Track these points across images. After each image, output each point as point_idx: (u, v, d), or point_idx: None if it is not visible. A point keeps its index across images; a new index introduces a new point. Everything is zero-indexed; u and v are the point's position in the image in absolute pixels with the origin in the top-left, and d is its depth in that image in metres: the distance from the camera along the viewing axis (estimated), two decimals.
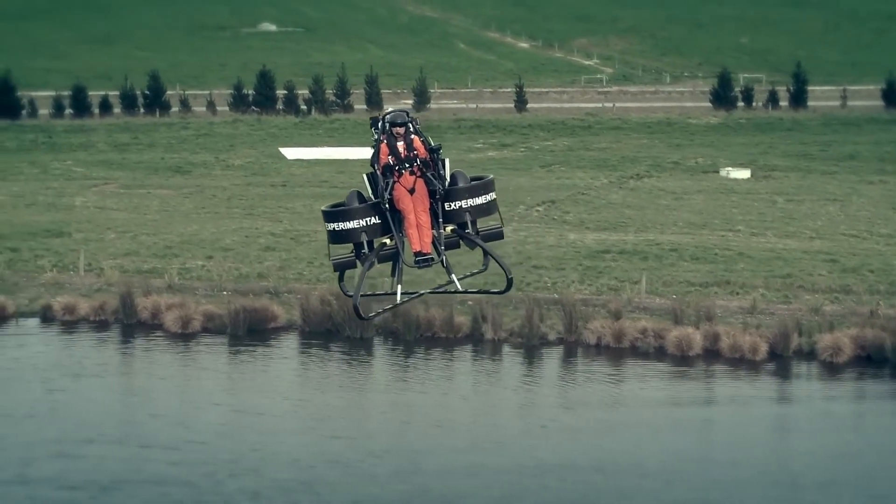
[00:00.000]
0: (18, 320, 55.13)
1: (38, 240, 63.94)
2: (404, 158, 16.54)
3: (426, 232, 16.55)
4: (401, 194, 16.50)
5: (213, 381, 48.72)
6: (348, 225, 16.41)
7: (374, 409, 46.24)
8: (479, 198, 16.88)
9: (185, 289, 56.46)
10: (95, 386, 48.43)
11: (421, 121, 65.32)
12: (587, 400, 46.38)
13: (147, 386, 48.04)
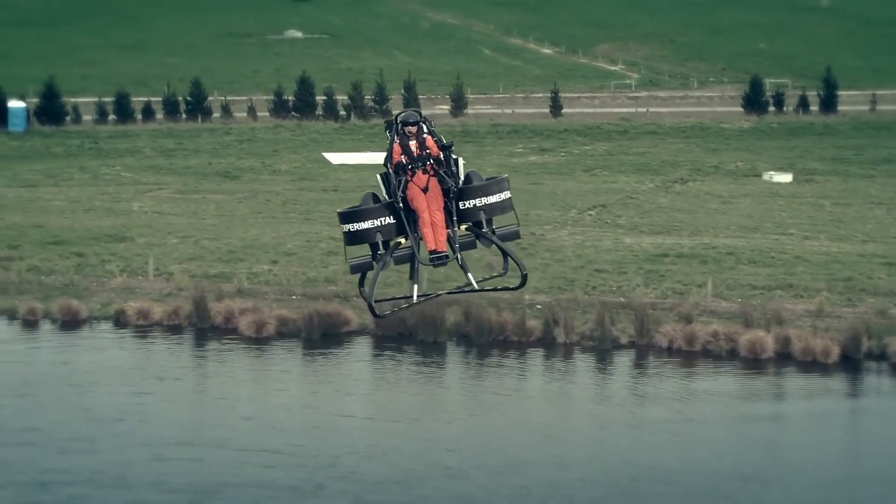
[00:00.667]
0: (92, 324, 54.71)
1: (102, 244, 63.62)
2: (417, 157, 16.43)
3: (441, 230, 16.42)
4: (414, 193, 16.40)
5: (296, 384, 48.52)
6: (363, 225, 16.36)
7: (456, 411, 45.88)
8: (492, 196, 16.69)
9: (255, 293, 56.16)
10: (179, 389, 48.20)
11: (458, 126, 65.61)
12: (670, 401, 46.06)
13: (230, 389, 47.80)
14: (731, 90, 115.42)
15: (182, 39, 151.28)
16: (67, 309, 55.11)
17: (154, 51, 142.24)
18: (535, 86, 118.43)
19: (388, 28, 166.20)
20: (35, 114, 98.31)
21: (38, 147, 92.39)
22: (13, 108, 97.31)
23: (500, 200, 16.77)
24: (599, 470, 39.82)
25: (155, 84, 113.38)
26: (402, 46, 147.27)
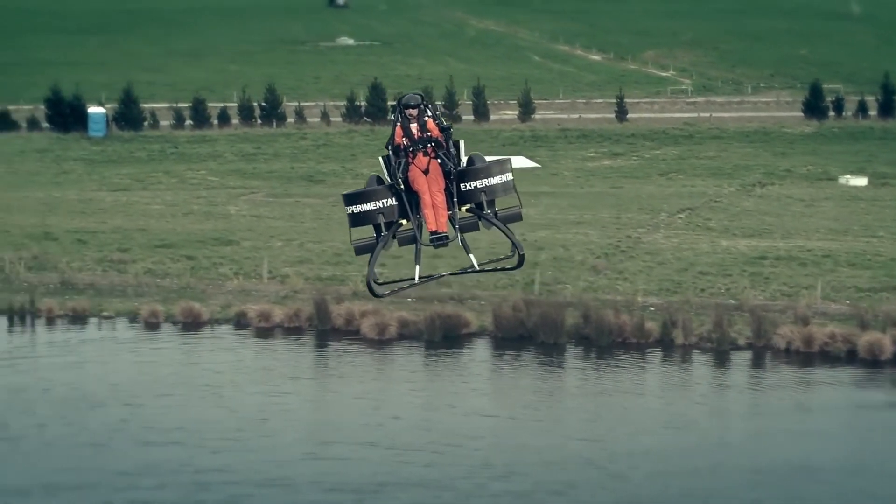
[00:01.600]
0: (213, 326, 54.46)
1: (209, 248, 63.40)
2: (417, 140, 16.05)
3: (441, 212, 15.97)
4: (415, 175, 16.04)
5: (430, 384, 48.18)
6: (365, 207, 15.96)
7: (596, 410, 45.53)
8: (494, 178, 16.09)
9: (370, 296, 55.55)
10: (315, 389, 47.98)
11: (527, 131, 64.94)
12: (804, 403, 45.71)
13: (366, 389, 47.61)
14: (785, 95, 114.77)
15: (238, 47, 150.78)
16: (189, 311, 54.93)
17: (213, 58, 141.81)
18: (592, 92, 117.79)
19: (435, 35, 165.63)
20: (114, 119, 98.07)
21: (120, 151, 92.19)
22: (93, 114, 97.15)
23: (502, 182, 16.14)
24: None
25: (221, 90, 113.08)
26: (452, 53, 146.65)
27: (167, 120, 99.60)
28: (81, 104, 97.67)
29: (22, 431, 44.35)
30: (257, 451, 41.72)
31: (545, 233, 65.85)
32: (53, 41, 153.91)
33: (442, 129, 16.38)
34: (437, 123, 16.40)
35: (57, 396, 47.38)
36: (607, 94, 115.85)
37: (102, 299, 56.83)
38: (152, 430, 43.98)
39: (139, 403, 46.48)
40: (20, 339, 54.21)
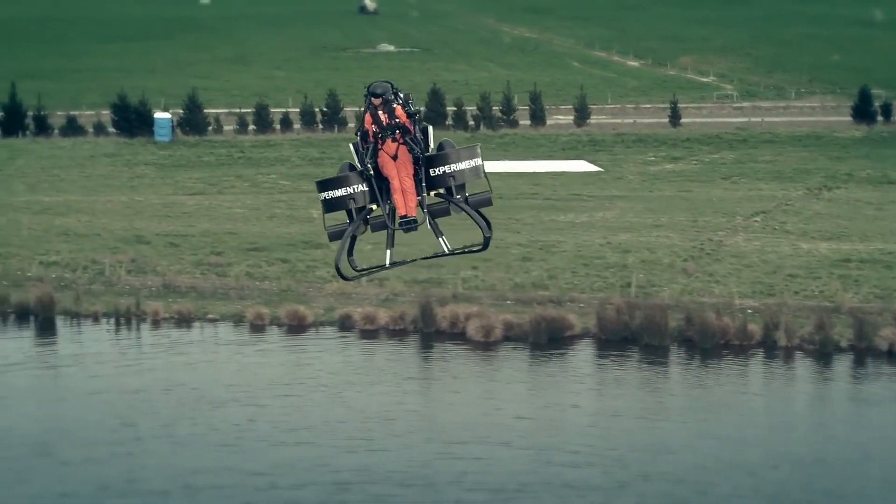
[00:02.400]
0: (318, 328, 54.25)
1: (300, 251, 63.25)
2: (386, 126, 16.14)
3: (410, 196, 16.11)
4: (384, 161, 16.16)
5: (549, 385, 48.07)
6: (337, 193, 16.11)
7: (717, 410, 45.27)
8: (462, 163, 16.23)
9: (471, 298, 55.56)
10: (436, 390, 47.79)
11: (584, 136, 64.55)
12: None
13: (488, 390, 47.48)
14: (829, 100, 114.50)
15: (282, 54, 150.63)
16: (294, 314, 54.76)
17: (259, 65, 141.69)
18: (638, 97, 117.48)
19: (472, 42, 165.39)
20: (178, 124, 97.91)
21: (188, 156, 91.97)
22: (159, 119, 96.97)
23: (470, 167, 16.29)
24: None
25: (275, 95, 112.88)
26: (493, 59, 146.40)
27: (229, 125, 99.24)
28: (147, 110, 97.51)
29: (150, 432, 44.18)
30: (391, 451, 41.53)
31: (627, 236, 65.63)
32: (101, 49, 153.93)
33: (409, 116, 16.39)
34: (405, 111, 16.41)
35: (177, 397, 47.27)
36: (654, 100, 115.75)
37: (206, 302, 56.65)
38: (280, 429, 43.83)
39: (261, 404, 46.31)
40: (130, 342, 54.01)
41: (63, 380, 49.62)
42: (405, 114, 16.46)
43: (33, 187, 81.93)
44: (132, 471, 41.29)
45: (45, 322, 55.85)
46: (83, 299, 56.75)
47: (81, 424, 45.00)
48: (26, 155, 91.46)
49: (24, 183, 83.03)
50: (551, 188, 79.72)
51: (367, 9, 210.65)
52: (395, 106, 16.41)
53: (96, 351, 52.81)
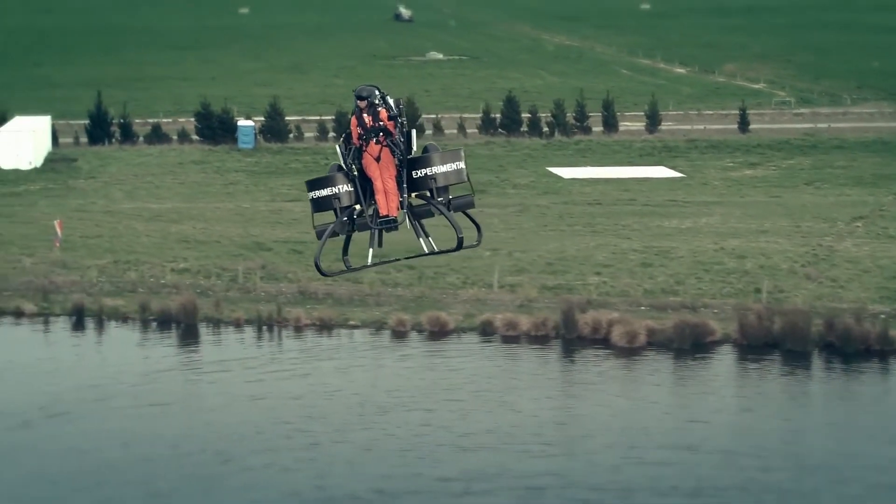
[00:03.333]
0: (459, 335, 53.91)
1: (429, 257, 62.50)
2: (370, 129, 16.30)
3: (392, 197, 16.30)
4: (368, 162, 16.35)
5: (714, 389, 47.64)
6: (322, 193, 16.33)
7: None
8: (443, 166, 16.32)
9: (605, 304, 55.20)
10: (599, 395, 47.37)
11: (656, 142, 64.03)
12: None
13: (651, 395, 47.05)
14: (885, 106, 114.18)
15: (334, 62, 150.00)
16: (436, 320, 54.44)
17: (316, 73, 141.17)
18: (696, 103, 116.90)
19: (516, 50, 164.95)
20: (260, 132, 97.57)
21: (275, 163, 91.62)
22: (243, 127, 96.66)
23: (452, 170, 16.36)
24: None
25: (341, 102, 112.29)
26: (543, 67, 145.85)
27: (309, 132, 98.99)
28: (229, 118, 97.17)
29: (326, 437, 43.87)
30: (576, 456, 41.21)
31: (736, 242, 65.33)
32: (159, 57, 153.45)
33: (391, 118, 16.44)
34: (389, 114, 16.46)
35: (342, 403, 46.93)
36: (711, 106, 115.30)
37: (344, 308, 56.32)
38: (455, 434, 43.47)
39: (428, 409, 45.99)
40: (275, 348, 53.68)
41: (222, 386, 49.28)
42: (388, 117, 16.47)
43: (131, 194, 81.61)
44: (320, 476, 41.01)
45: (188, 329, 55.46)
46: (223, 306, 56.33)
47: (254, 430, 44.72)
48: (116, 162, 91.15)
49: (122, 190, 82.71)
50: (643, 194, 79.35)
51: (402, 16, 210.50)
52: (380, 109, 16.49)
53: (243, 357, 52.57)
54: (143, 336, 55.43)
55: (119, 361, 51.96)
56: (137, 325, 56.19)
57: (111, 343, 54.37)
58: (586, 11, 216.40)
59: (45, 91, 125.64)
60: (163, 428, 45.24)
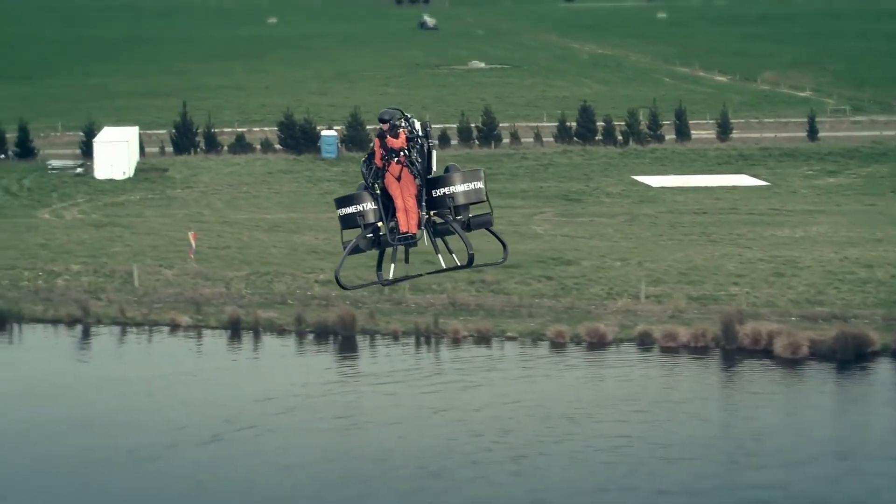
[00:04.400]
0: (618, 346, 53.18)
1: (550, 268, 62.20)
2: (391, 150, 16.72)
3: (412, 215, 16.72)
4: (389, 181, 16.81)
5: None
6: (348, 210, 16.76)
7: None
8: (461, 185, 16.72)
9: (755, 315, 54.46)
10: (787, 407, 46.71)
11: (728, 150, 63.33)
12: None
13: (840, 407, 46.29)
14: None
15: (380, 71, 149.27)
16: (594, 331, 53.66)
17: (364, 81, 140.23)
18: (751, 111, 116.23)
19: (551, 58, 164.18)
20: (342, 141, 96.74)
21: (356, 172, 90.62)
22: (326, 136, 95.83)
23: (469, 189, 16.76)
24: None
25: (403, 110, 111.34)
26: (586, 75, 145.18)
27: None
28: (312, 127, 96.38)
29: (527, 449, 43.21)
30: (792, 467, 40.48)
31: (856, 251, 64.80)
32: (204, 67, 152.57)
33: (408, 140, 16.78)
34: (408, 136, 16.79)
35: (527, 414, 46.27)
36: (766, 114, 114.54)
37: (497, 320, 55.53)
38: (658, 446, 42.83)
39: (619, 420, 45.29)
40: (439, 359, 52.92)
41: (399, 398, 48.48)
42: (406, 139, 16.76)
43: (231, 203, 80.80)
44: (535, 490, 40.26)
45: (346, 340, 54.63)
46: (377, 317, 55.53)
47: (450, 443, 43.87)
48: (205, 171, 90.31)
49: (221, 200, 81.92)
50: (741, 203, 78.84)
51: (427, 24, 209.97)
52: (401, 130, 16.79)
53: (408, 368, 51.82)
54: (301, 348, 54.54)
55: (287, 373, 51.17)
56: (293, 337, 55.23)
57: (273, 355, 53.48)
58: (608, 21, 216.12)
59: (105, 101, 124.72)
60: (357, 442, 44.46)
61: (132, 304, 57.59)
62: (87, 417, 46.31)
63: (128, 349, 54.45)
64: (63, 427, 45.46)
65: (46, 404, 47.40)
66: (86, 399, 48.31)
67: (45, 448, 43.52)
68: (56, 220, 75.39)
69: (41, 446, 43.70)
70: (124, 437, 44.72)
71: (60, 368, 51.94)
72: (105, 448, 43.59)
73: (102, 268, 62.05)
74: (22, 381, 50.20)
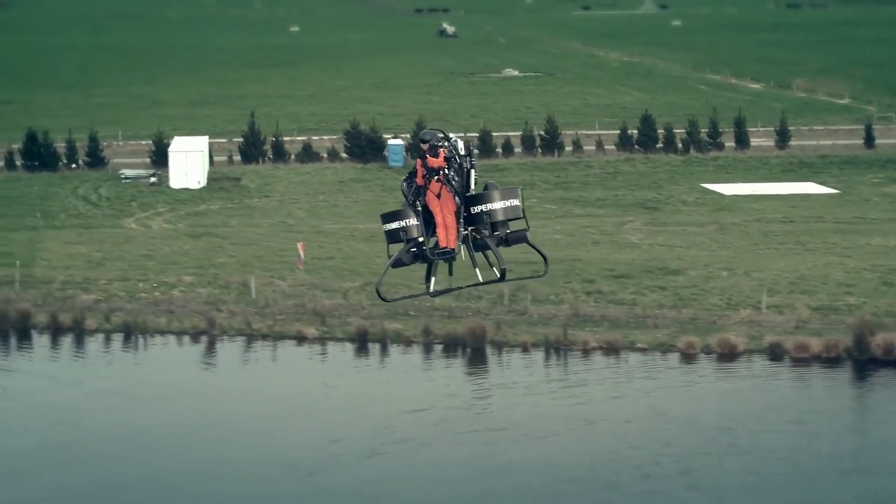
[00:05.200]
0: (749, 357, 52.49)
1: (657, 277, 61.37)
2: (431, 169, 17.19)
3: (452, 231, 17.20)
4: (430, 198, 17.28)
5: None
6: (392, 225, 17.28)
7: None
8: (497, 203, 17.17)
9: (881, 325, 53.83)
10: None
11: (788, 157, 62.50)
12: None
13: None
14: None
15: (416, 79, 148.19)
16: (725, 343, 52.98)
17: (406, 90, 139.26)
18: (796, 119, 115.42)
19: (581, 66, 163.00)
20: (407, 149, 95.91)
21: None
22: (392, 145, 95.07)
23: (507, 207, 17.23)
24: None
25: (454, 119, 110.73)
26: (621, 83, 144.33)
27: None
28: (378, 136, 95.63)
29: (695, 462, 42.36)
30: None
31: None
32: (236, 76, 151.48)
33: (446, 160, 17.20)
34: (446, 155, 17.19)
35: (685, 426, 45.48)
36: (811, 122, 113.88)
37: (624, 331, 54.86)
38: (836, 459, 42.04)
39: (779, 430, 44.60)
40: (573, 370, 52.23)
41: (548, 409, 47.86)
42: (444, 158, 17.18)
43: (312, 212, 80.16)
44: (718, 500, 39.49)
45: (476, 352, 53.90)
46: (504, 329, 54.83)
47: (614, 455, 43.22)
48: (277, 181, 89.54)
49: (301, 209, 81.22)
50: (821, 211, 78.22)
51: (447, 32, 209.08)
52: (440, 150, 17.18)
53: (547, 380, 51.18)
54: (428, 359, 53.84)
55: (430, 385, 50.48)
56: (420, 349, 54.49)
57: (410, 367, 52.79)
58: (626, 29, 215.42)
59: (153, 110, 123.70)
60: (519, 454, 43.75)
61: (254, 315, 56.73)
62: (235, 429, 45.62)
63: (261, 362, 53.86)
64: (218, 435, 44.78)
65: (199, 414, 46.71)
66: (234, 411, 47.52)
67: (204, 455, 42.82)
68: (144, 229, 74.52)
69: (203, 452, 42.99)
70: (280, 448, 43.98)
71: (197, 379, 51.26)
72: (260, 459, 42.84)
73: (215, 279, 61.20)
74: (166, 388, 49.46)
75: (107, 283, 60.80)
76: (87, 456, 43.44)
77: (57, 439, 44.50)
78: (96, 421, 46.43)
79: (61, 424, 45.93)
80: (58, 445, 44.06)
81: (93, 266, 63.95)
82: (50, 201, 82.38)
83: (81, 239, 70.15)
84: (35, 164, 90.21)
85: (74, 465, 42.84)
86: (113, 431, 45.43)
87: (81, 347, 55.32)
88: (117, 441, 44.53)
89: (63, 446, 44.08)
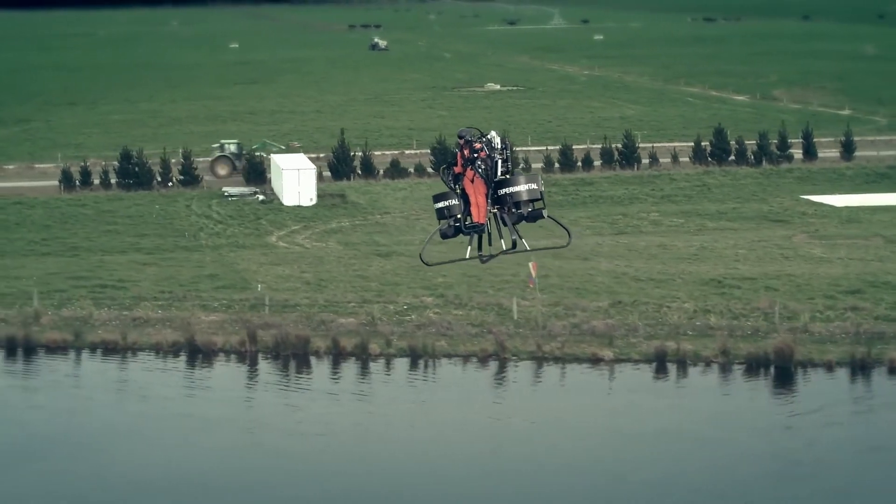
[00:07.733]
0: None
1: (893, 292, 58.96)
2: (467, 159, 19.71)
3: (482, 210, 19.74)
4: (466, 184, 19.80)
5: None
6: (440, 204, 19.80)
7: None
8: (519, 186, 19.61)
9: None
10: None
11: (854, 169, 61.15)
12: None
13: None
14: None
15: (411, 94, 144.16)
16: None
17: (405, 105, 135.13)
18: (818, 131, 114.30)
19: (550, 80, 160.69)
20: None
21: None
22: None
23: (527, 189, 19.61)
24: None
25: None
26: (620, 97, 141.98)
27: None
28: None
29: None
30: None
31: None
32: (230, 92, 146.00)
33: (476, 151, 19.64)
34: (480, 149, 19.58)
35: None
36: (825, 133, 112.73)
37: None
38: None
39: None
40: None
41: None
42: (476, 150, 19.65)
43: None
44: None
45: (781, 372, 50.91)
46: (808, 346, 52.03)
47: None
48: (380, 196, 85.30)
49: (422, 227, 76.94)
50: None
51: (379, 46, 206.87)
52: (476, 145, 19.69)
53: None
54: (727, 379, 50.71)
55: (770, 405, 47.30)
56: (717, 369, 51.31)
57: (740, 389, 49.59)
58: (557, 43, 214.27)
59: (171, 127, 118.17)
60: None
61: (535, 338, 52.92)
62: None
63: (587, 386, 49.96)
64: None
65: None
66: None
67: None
68: (301, 248, 69.79)
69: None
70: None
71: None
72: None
73: (462, 300, 57.05)
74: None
75: (356, 305, 56.32)
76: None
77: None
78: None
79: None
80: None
81: (314, 287, 59.27)
82: (174, 220, 76.96)
83: (268, 259, 65.24)
84: (130, 183, 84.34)
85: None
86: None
87: (389, 372, 51.04)
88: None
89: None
